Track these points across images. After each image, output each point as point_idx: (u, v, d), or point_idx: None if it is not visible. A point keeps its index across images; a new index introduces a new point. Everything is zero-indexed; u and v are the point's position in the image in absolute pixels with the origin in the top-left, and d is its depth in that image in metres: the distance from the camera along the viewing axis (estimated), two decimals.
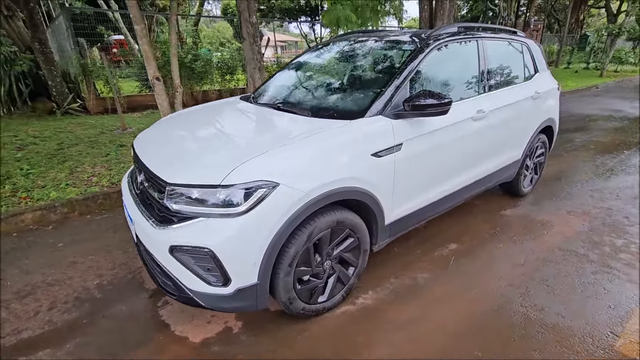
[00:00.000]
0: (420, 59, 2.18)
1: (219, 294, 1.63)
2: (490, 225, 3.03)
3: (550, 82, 3.35)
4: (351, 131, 1.89)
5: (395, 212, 2.17)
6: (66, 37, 7.90)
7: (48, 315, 2.05)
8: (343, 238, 1.97)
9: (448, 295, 2.19)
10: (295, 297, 1.84)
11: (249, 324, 1.97)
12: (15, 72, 7.04)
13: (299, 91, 2.54)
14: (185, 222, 1.60)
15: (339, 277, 2.05)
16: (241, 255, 1.58)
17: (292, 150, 1.71)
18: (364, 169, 1.88)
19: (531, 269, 2.42)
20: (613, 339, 1.86)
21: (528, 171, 3.47)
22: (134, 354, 1.77)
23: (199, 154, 1.81)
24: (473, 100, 2.50)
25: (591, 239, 2.79)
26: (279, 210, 1.60)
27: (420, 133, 2.12)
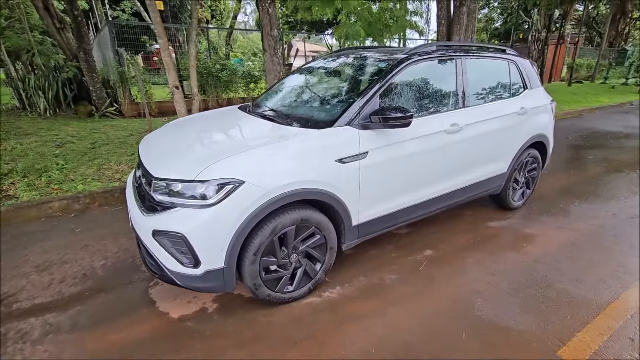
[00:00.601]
0: (391, 76, 2.38)
1: (191, 274, 1.90)
2: (472, 235, 3.12)
3: (542, 98, 3.40)
4: (317, 138, 2.12)
5: (363, 215, 2.36)
6: (109, 47, 8.72)
7: (58, 287, 2.41)
8: (309, 235, 2.18)
9: (409, 295, 2.34)
10: (261, 283, 2.07)
11: (222, 307, 2.22)
12: (62, 79, 7.87)
13: (284, 102, 2.80)
14: (165, 211, 1.89)
15: (305, 271, 2.26)
16: (209, 241, 1.84)
17: (259, 153, 1.96)
18: (328, 173, 2.09)
19: (499, 279, 2.51)
20: (558, 346, 1.93)
21: (518, 185, 3.52)
22: (120, 322, 2.07)
23: (184, 153, 2.11)
24: (447, 114, 2.65)
25: (571, 255, 2.81)
26: (243, 205, 1.85)
27: (387, 143, 2.31)
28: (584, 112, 9.50)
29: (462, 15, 7.14)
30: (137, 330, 2.03)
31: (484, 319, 2.12)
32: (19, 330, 2.02)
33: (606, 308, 2.21)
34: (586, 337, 1.99)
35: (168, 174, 1.92)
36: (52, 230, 3.17)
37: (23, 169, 4.34)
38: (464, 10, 7.11)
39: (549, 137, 3.52)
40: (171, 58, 4.27)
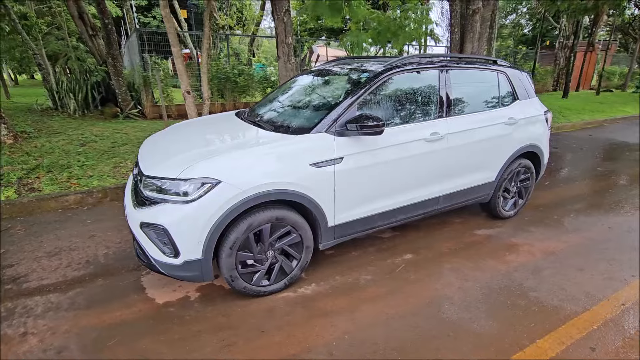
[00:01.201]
0: (369, 86, 2.51)
1: (172, 263, 2.10)
2: (455, 242, 3.18)
3: (534, 109, 3.42)
4: (293, 144, 2.29)
5: (340, 217, 2.49)
6: (136, 52, 9.27)
7: (64, 270, 2.68)
8: (285, 233, 2.34)
9: (380, 295, 2.44)
10: (238, 276, 2.25)
11: (204, 296, 2.42)
12: (91, 82, 8.45)
13: (273, 110, 2.98)
14: (152, 205, 2.11)
15: (281, 267, 2.41)
16: (187, 234, 2.04)
17: (236, 156, 2.15)
18: (302, 176, 2.25)
19: (472, 285, 2.57)
20: (515, 351, 1.99)
21: (510, 195, 3.54)
22: (111, 304, 2.31)
23: (172, 154, 2.33)
24: (428, 123, 2.75)
25: (552, 266, 2.82)
26: (219, 202, 2.03)
27: (363, 150, 2.44)
28: (606, 123, 9.17)
29: (475, 23, 7.11)
30: (125, 312, 2.25)
31: (447, 321, 2.20)
32: (25, 306, 2.29)
33: (573, 319, 2.24)
34: (545, 345, 2.03)
35: (155, 172, 2.14)
36: (67, 221, 3.49)
37: (48, 165, 4.75)
38: (477, 18, 7.09)
39: (543, 147, 3.52)
40: (183, 65, 4.57)
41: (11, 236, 3.20)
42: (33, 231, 3.29)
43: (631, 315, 2.28)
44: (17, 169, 4.63)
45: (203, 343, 2.02)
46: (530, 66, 14.92)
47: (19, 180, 4.29)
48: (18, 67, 16.49)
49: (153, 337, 2.06)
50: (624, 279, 2.65)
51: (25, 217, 3.58)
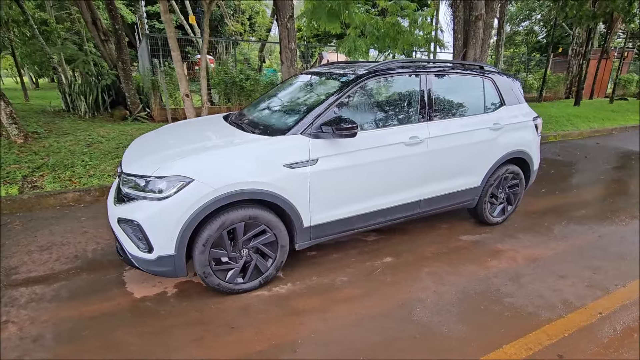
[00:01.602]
0: (347, 90, 2.56)
1: (146, 258, 2.17)
2: (439, 246, 3.17)
3: (522, 114, 3.40)
4: (268, 145, 2.35)
5: (315, 218, 2.53)
6: (145, 57, 9.55)
7: (53, 264, 2.79)
8: (259, 232, 2.39)
9: (353, 297, 2.46)
10: (211, 273, 2.30)
11: (181, 292, 2.48)
12: (102, 85, 8.73)
13: (257, 112, 3.05)
14: (129, 202, 2.20)
15: (256, 266, 2.46)
16: (160, 230, 2.11)
17: (210, 156, 2.22)
18: (276, 177, 2.30)
19: (448, 289, 2.56)
20: (479, 355, 1.98)
21: (497, 201, 3.51)
22: (92, 297, 2.39)
23: (151, 153, 2.41)
24: (407, 127, 2.77)
25: (533, 272, 2.79)
26: (191, 200, 2.10)
27: (339, 152, 2.48)
28: (616, 131, 8.96)
29: (477, 29, 7.10)
30: (103, 305, 2.33)
31: (416, 323, 2.21)
32: (11, 297, 2.40)
33: (546, 325, 2.21)
34: (511, 350, 2.02)
35: (133, 169, 2.23)
36: (63, 218, 3.62)
37: (53, 164, 4.94)
38: (480, 24, 7.07)
39: (532, 153, 3.49)
40: (182, 69, 4.71)
41: (9, 230, 3.34)
42: (30, 226, 3.43)
43: (607, 324, 2.24)
44: (24, 167, 4.82)
45: (173, 337, 2.07)
46: (541, 74, 14.70)
47: (23, 178, 4.47)
48: (38, 70, 17.12)
49: (126, 329, 2.13)
50: (605, 288, 2.60)
51: (24, 213, 3.73)
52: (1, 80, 27.17)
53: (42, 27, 14.06)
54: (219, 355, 1.95)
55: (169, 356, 1.93)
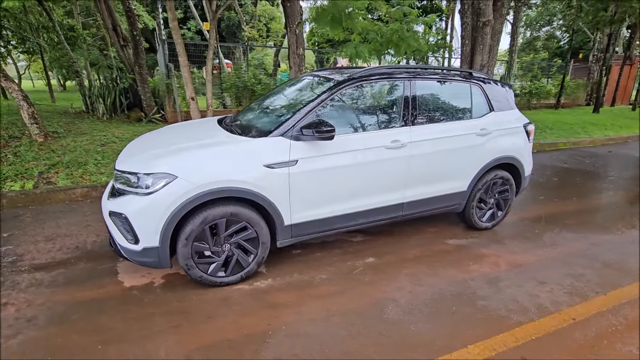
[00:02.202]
0: (329, 95, 2.67)
1: (133, 249, 2.33)
2: (422, 249, 3.21)
3: (512, 120, 3.41)
4: (249, 146, 2.48)
5: (296, 216, 2.64)
6: (162, 62, 9.94)
7: (55, 253, 3.00)
8: (241, 228, 2.51)
9: (329, 294, 2.55)
10: (194, 265, 2.44)
11: (167, 283, 2.63)
12: (119, 88, 9.14)
13: (247, 115, 3.19)
14: (120, 196, 2.37)
15: (238, 261, 2.58)
16: (146, 223, 2.27)
17: (193, 155, 2.38)
18: (256, 176, 2.42)
19: (424, 290, 2.61)
20: (442, 353, 2.03)
21: (486, 206, 3.52)
22: (85, 285, 2.57)
23: (143, 152, 2.58)
24: (388, 131, 2.85)
25: (514, 277, 2.80)
26: (175, 196, 2.25)
27: (320, 154, 2.58)
28: (631, 139, 8.68)
29: (485, 35, 7.08)
30: (95, 292, 2.51)
31: (385, 321, 2.27)
32: (14, 281, 2.61)
33: (515, 329, 2.24)
34: (475, 350, 2.06)
35: (124, 166, 2.40)
36: (70, 212, 3.87)
37: (68, 162, 5.24)
38: (487, 30, 7.06)
39: (522, 159, 3.49)
40: (189, 73, 4.93)
41: (20, 222, 3.60)
42: (39, 218, 3.68)
43: (578, 329, 2.25)
44: (41, 164, 5.14)
45: (153, 323, 2.22)
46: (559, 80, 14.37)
47: (39, 174, 4.78)
48: (65, 74, 18.00)
49: (112, 314, 2.29)
50: (585, 295, 2.60)
51: (36, 206, 4.00)
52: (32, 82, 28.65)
53: (70, 33, 14.79)
54: (192, 341, 2.08)
55: (146, 340, 2.07)
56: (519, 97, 14.44)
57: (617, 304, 2.49)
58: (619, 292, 2.63)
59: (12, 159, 5.45)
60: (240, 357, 1.97)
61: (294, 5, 7.51)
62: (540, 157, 6.94)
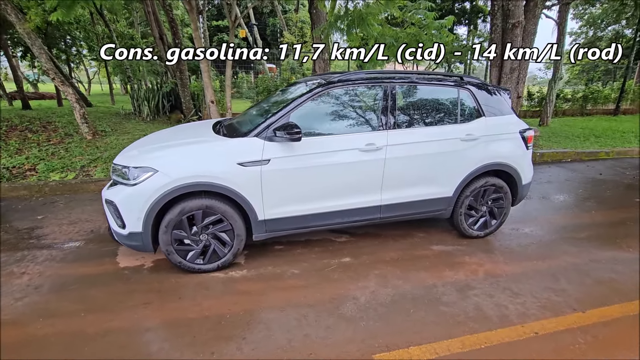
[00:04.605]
0: (305, 99, 2.82)
1: (121, 233, 2.67)
2: (403, 253, 3.22)
3: (505, 126, 3.29)
4: (226, 145, 2.71)
5: (269, 212, 2.82)
6: None
7: (73, 235, 3.47)
8: (217, 220, 2.75)
9: (295, 287, 2.69)
10: (173, 251, 2.72)
11: (155, 266, 2.94)
12: (163, 92, 9.99)
13: (240, 117, 3.43)
14: (113, 186, 2.72)
15: (215, 250, 2.82)
16: (130, 210, 2.58)
17: (174, 151, 2.66)
18: (229, 173, 2.64)
19: (387, 291, 2.65)
20: (382, 351, 2.08)
21: (477, 213, 3.43)
22: (88, 263, 2.97)
23: (136, 148, 2.92)
24: (364, 134, 2.92)
25: (488, 286, 2.73)
26: (155, 187, 2.54)
27: (292, 154, 2.74)
28: None
29: (515, 37, 6.76)
30: (93, 269, 2.89)
31: (337, 316, 2.36)
32: (34, 255, 3.08)
33: (466, 335, 2.21)
34: (416, 352, 2.08)
35: (118, 161, 2.75)
36: (96, 200, 4.40)
37: (107, 157, 5.90)
38: (518, 32, 6.73)
39: (517, 166, 3.35)
40: (209, 78, 5.34)
41: (55, 207, 4.18)
42: (70, 205, 4.24)
43: (536, 343, 2.17)
44: (84, 159, 5.86)
45: (130, 298, 2.52)
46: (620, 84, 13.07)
47: (81, 168, 5.46)
48: (125, 79, 19.91)
49: (100, 288, 2.63)
50: (559, 310, 2.47)
51: (70, 195, 4.59)
52: (101, 86, 31.88)
53: (130, 42, 16.36)
54: (157, 316, 2.34)
55: (121, 312, 2.37)
56: (570, 103, 13.39)
57: (590, 323, 2.34)
58: (599, 311, 2.46)
59: (63, 153, 6.25)
60: (194, 334, 2.18)
61: (319, 11, 7.74)
62: (574, 167, 6.45)
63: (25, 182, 4.76)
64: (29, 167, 5.56)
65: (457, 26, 14.43)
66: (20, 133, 7.40)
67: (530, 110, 12.90)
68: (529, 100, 13.17)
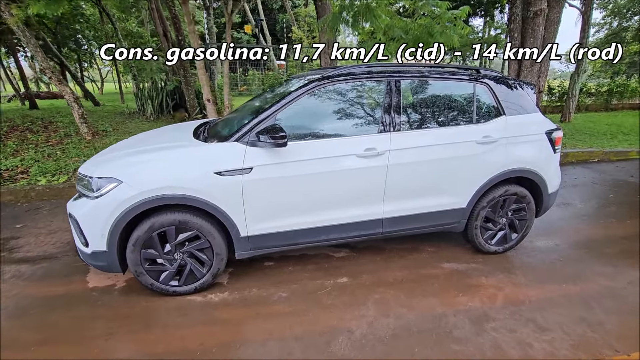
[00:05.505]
0: (294, 97, 2.44)
1: (85, 251, 2.36)
2: (408, 272, 2.83)
3: (529, 126, 2.84)
4: (201, 151, 2.36)
5: (253, 228, 2.46)
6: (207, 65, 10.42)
7: (48, 247, 3.20)
8: (192, 237, 2.41)
9: (281, 314, 2.33)
10: (143, 272, 2.39)
11: (126, 287, 2.63)
12: (166, 90, 9.76)
13: (226, 118, 3.07)
14: (77, 199, 2.41)
15: (191, 271, 2.48)
16: (93, 226, 2.26)
17: (140, 159, 2.32)
18: (205, 184, 2.29)
19: (387, 323, 2.26)
20: None
21: (495, 226, 3.00)
22: (56, 281, 2.67)
23: (104, 154, 2.60)
24: (362, 137, 2.53)
25: (506, 318, 2.32)
26: (119, 201, 2.21)
27: (278, 161, 2.37)
28: None
29: (536, 27, 6.21)
30: (60, 289, 2.59)
31: (328, 354, 2.00)
32: (2, 271, 2.81)
33: None
34: None
35: (82, 169, 2.43)
36: None
37: None
38: (540, 21, 6.18)
39: (543, 173, 2.90)
40: (205, 75, 5.01)
41: (37, 214, 3.93)
42: (54, 212, 3.99)
43: None
44: (80, 161, 5.63)
45: (93, 327, 2.20)
46: None
47: (74, 170, 5.22)
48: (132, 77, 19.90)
49: (63, 312, 2.33)
50: (597, 351, 2.04)
51: (57, 200, 4.35)
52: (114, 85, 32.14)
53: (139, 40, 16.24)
54: (120, 349, 2.02)
55: (78, 345, 2.06)
56: (594, 97, 12.62)
57: None
58: None
59: (59, 155, 6.06)
60: None
61: (325, 3, 7.33)
62: (601, 168, 5.88)
63: (12, 186, 4.54)
64: (22, 169, 5.37)
65: (472, 18, 13.75)
66: (21, 133, 7.27)
67: (550, 105, 12.20)
68: (549, 95, 12.46)
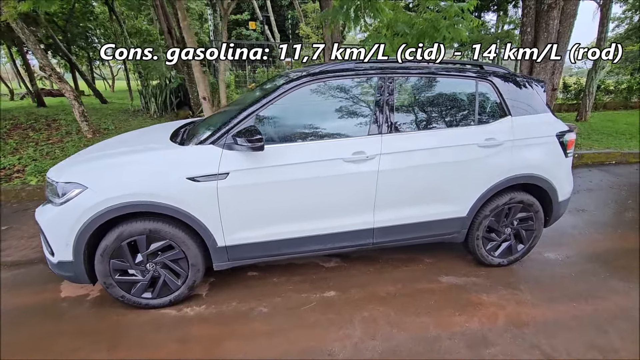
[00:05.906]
0: (276, 96, 2.24)
1: (51, 261, 2.21)
2: (402, 286, 2.60)
3: (538, 127, 2.58)
4: (174, 155, 2.18)
5: (230, 238, 2.27)
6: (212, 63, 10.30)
7: (27, 252, 3.08)
8: (165, 247, 2.24)
9: (257, 333, 2.14)
10: (113, 283, 2.23)
11: (99, 298, 2.47)
12: (170, 88, 9.68)
13: (208, 118, 2.88)
14: (44, 205, 2.26)
15: (166, 282, 2.31)
16: (57, 235, 2.11)
17: (107, 164, 2.16)
18: (177, 190, 2.11)
19: (374, 345, 2.05)
20: None
21: (499, 237, 2.75)
22: (29, 289, 2.54)
23: (73, 158, 2.45)
24: (350, 140, 2.31)
25: (508, 342, 2.08)
26: (84, 208, 2.05)
27: (256, 166, 2.18)
28: None
29: (551, 21, 5.86)
30: (30, 299, 2.46)
31: None
32: None
33: None
34: None
35: (49, 173, 2.28)
36: None
37: None
38: (555, 15, 5.83)
39: (553, 179, 2.64)
40: (201, 73, 4.85)
41: (24, 216, 3.83)
42: None
43: None
44: None
45: (55, 345, 2.05)
46: None
47: None
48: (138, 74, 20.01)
49: (27, 327, 2.19)
50: None
51: None
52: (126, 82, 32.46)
53: (147, 38, 16.26)
54: None
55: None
56: (612, 95, 12.07)
57: None
58: None
59: (58, 153, 6.00)
60: None
61: None
62: (619, 171, 5.52)
63: (5, 186, 4.47)
64: (19, 168, 5.32)
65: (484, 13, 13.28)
66: (23, 131, 7.27)
67: (565, 103, 11.71)
68: (565, 93, 11.95)
